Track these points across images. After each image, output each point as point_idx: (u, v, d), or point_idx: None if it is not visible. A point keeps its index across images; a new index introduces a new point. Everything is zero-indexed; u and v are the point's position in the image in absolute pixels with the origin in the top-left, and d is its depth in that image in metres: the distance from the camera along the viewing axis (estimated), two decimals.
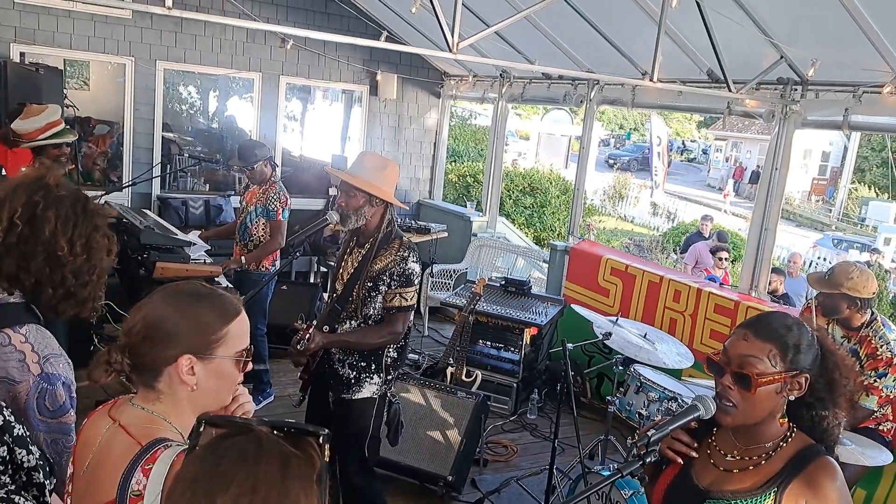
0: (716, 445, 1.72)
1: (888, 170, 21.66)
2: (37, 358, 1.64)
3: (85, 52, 6.80)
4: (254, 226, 4.91)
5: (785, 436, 1.64)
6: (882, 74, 4.32)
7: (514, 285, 6.08)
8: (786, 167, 5.15)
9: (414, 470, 4.16)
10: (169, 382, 1.42)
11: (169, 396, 1.43)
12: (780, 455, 1.62)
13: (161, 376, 1.42)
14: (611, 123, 41.06)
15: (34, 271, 1.68)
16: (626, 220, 23.00)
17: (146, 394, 1.44)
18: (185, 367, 1.40)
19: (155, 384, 1.43)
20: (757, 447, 1.65)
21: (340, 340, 3.12)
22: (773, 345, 1.60)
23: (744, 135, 32.33)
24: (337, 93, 8.68)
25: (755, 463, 1.63)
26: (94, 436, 1.45)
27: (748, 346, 1.61)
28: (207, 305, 1.44)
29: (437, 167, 8.93)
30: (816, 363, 1.63)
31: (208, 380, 1.43)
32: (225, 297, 1.47)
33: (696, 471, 1.70)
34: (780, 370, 1.59)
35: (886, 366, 3.47)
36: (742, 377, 1.60)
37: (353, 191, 3.04)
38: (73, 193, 1.75)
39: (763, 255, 5.26)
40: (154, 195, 7.29)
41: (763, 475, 1.61)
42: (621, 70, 5.85)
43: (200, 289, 1.48)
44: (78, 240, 1.71)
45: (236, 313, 1.47)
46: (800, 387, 1.61)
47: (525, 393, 5.62)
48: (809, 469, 1.57)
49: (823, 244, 18.93)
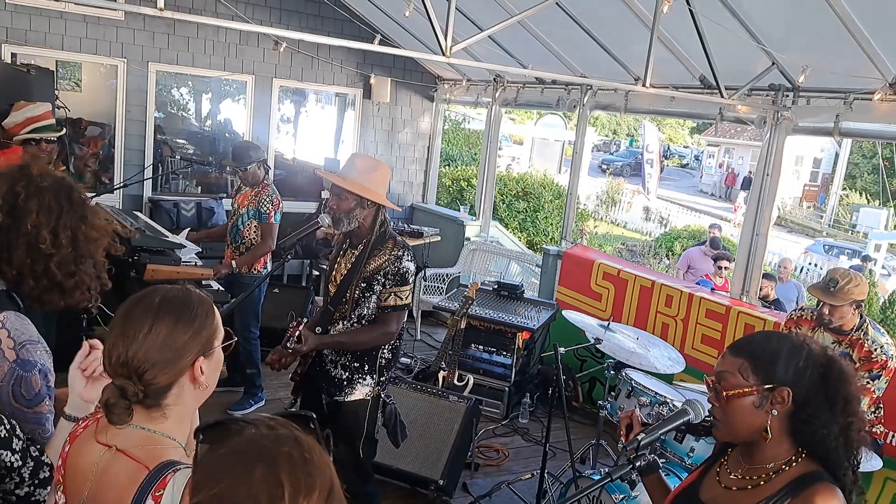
0: (725, 465, 1.73)
1: (879, 176, 21.79)
2: (13, 344, 1.60)
3: (77, 54, 6.77)
4: (245, 228, 4.89)
5: (790, 459, 1.60)
6: (873, 81, 4.34)
7: (506, 289, 6.08)
8: (777, 173, 5.17)
9: (405, 474, 4.15)
10: (179, 392, 1.41)
11: (175, 407, 1.41)
12: (781, 478, 1.59)
13: (172, 390, 1.40)
14: (604, 129, 41.19)
15: (16, 262, 1.65)
16: (619, 225, 23.04)
17: (150, 413, 1.40)
18: (199, 369, 1.42)
19: (163, 401, 1.40)
20: (759, 468, 1.63)
21: (333, 342, 3.11)
22: (745, 359, 1.62)
23: (736, 141, 32.49)
24: (330, 96, 8.67)
25: (755, 483, 1.62)
26: (87, 463, 1.39)
27: (724, 362, 1.66)
28: (194, 306, 1.43)
29: (431, 171, 8.93)
30: (806, 377, 1.58)
31: (211, 372, 1.45)
32: (193, 291, 1.47)
33: (703, 486, 1.73)
34: (751, 383, 1.59)
35: (881, 368, 3.51)
36: (716, 392, 1.64)
37: (344, 193, 3.03)
38: (56, 183, 1.71)
39: (755, 261, 5.27)
40: (145, 197, 7.26)
41: (759, 496, 1.59)
42: (614, 75, 5.87)
43: (172, 294, 1.44)
44: (63, 231, 1.68)
45: (211, 303, 1.48)
46: (782, 401, 1.57)
47: (517, 397, 5.61)
48: (806, 494, 1.53)
49: (815, 250, 19.01)
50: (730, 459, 1.73)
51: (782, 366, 1.59)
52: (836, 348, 3.63)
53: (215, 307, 1.49)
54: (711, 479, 1.73)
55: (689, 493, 1.74)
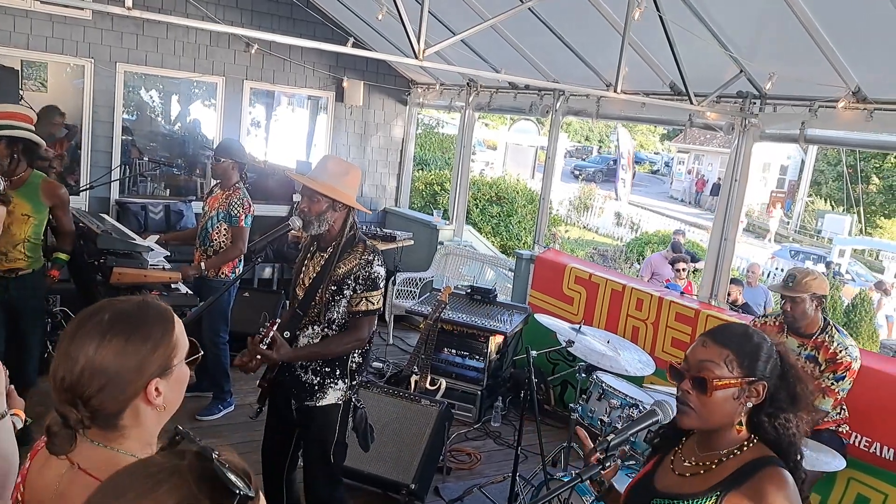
0: (680, 453, 1.75)
1: (843, 183, 22.25)
2: None
3: (43, 53, 6.65)
4: (215, 231, 4.84)
5: (742, 444, 1.66)
6: (837, 90, 4.43)
7: (479, 293, 6.09)
8: (745, 179, 5.25)
9: (377, 478, 4.13)
10: (134, 414, 1.33)
11: (133, 428, 1.33)
12: (732, 462, 1.64)
13: (125, 412, 1.32)
14: (577, 135, 41.52)
15: None
16: (591, 230, 23.23)
17: (107, 433, 1.32)
18: (153, 392, 1.32)
19: (118, 422, 1.32)
20: (713, 453, 1.67)
21: (306, 354, 3.07)
22: (730, 351, 1.64)
23: (705, 147, 32.96)
24: (302, 99, 8.62)
25: (707, 468, 1.66)
26: (47, 481, 1.33)
27: (706, 351, 1.66)
28: (150, 323, 1.34)
29: (404, 175, 8.91)
30: (775, 373, 1.65)
31: (172, 391, 1.37)
32: (153, 305, 1.37)
33: (657, 476, 1.75)
34: (737, 375, 1.63)
35: (845, 370, 3.57)
36: (699, 381, 1.63)
37: (317, 196, 3.00)
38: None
39: (723, 265, 5.34)
40: (112, 199, 7.15)
41: (711, 479, 1.63)
42: (586, 81, 5.92)
43: (127, 308, 1.34)
44: None
45: (171, 316, 1.39)
46: (757, 394, 1.64)
47: (489, 401, 5.62)
48: (756, 477, 1.58)
49: (781, 255, 19.34)
50: (684, 448, 1.75)
51: (762, 361, 1.65)
52: (802, 351, 3.69)
53: (177, 319, 1.39)
54: (666, 468, 1.75)
55: (644, 483, 1.76)
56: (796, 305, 3.64)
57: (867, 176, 25.95)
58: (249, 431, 4.36)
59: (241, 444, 4.60)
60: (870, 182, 26.24)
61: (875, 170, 26.62)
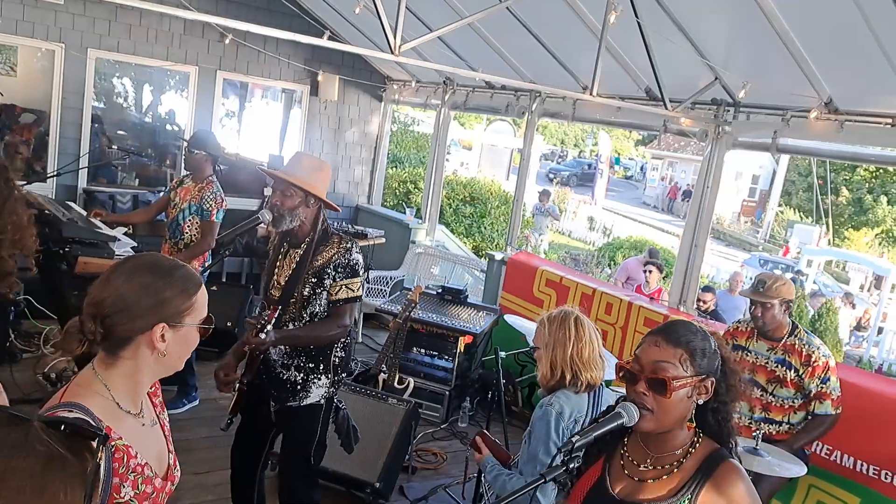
0: (628, 455, 1.73)
1: (813, 194, 22.63)
2: None
3: (12, 36, 6.49)
4: (186, 224, 4.75)
5: (693, 441, 1.68)
6: (809, 100, 4.49)
7: (450, 294, 6.07)
8: (716, 186, 5.30)
9: (341, 476, 4.08)
10: (135, 350, 1.48)
11: (129, 361, 1.48)
12: (691, 461, 1.65)
13: (130, 344, 1.47)
14: (552, 138, 41.70)
15: None
16: (564, 234, 23.33)
17: (105, 359, 1.48)
18: (159, 335, 1.48)
19: (120, 352, 1.48)
20: (668, 454, 1.67)
21: (290, 335, 2.99)
22: (684, 350, 1.64)
23: (679, 154, 33.35)
24: (276, 92, 8.52)
25: (668, 471, 1.66)
26: None
27: (660, 352, 1.64)
28: (177, 277, 1.52)
29: (377, 172, 8.86)
30: (719, 368, 1.68)
31: (175, 346, 1.51)
32: (187, 268, 1.56)
33: (611, 480, 1.72)
34: (691, 374, 1.63)
35: (824, 370, 3.58)
36: (657, 382, 1.62)
37: (291, 190, 2.95)
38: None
39: (692, 271, 5.38)
40: (80, 188, 7.01)
41: (676, 482, 1.64)
42: (563, 83, 5.92)
43: (165, 261, 1.55)
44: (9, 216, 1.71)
45: (200, 284, 1.57)
46: (706, 390, 1.66)
47: (457, 401, 5.60)
48: (717, 474, 1.61)
49: (750, 264, 19.61)
50: (630, 450, 1.73)
51: (710, 357, 1.67)
52: (772, 355, 3.71)
53: (203, 289, 1.57)
54: (618, 472, 1.72)
55: (599, 489, 1.72)
56: (766, 310, 3.67)
57: (837, 188, 26.44)
58: (215, 427, 4.28)
59: (207, 440, 4.53)
60: (839, 194, 26.73)
61: (845, 182, 27.14)
